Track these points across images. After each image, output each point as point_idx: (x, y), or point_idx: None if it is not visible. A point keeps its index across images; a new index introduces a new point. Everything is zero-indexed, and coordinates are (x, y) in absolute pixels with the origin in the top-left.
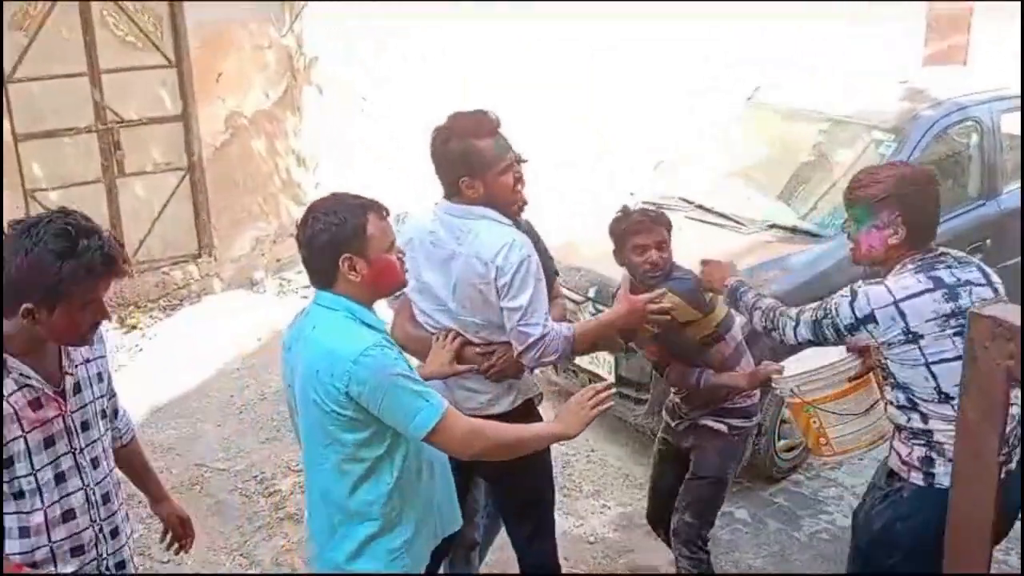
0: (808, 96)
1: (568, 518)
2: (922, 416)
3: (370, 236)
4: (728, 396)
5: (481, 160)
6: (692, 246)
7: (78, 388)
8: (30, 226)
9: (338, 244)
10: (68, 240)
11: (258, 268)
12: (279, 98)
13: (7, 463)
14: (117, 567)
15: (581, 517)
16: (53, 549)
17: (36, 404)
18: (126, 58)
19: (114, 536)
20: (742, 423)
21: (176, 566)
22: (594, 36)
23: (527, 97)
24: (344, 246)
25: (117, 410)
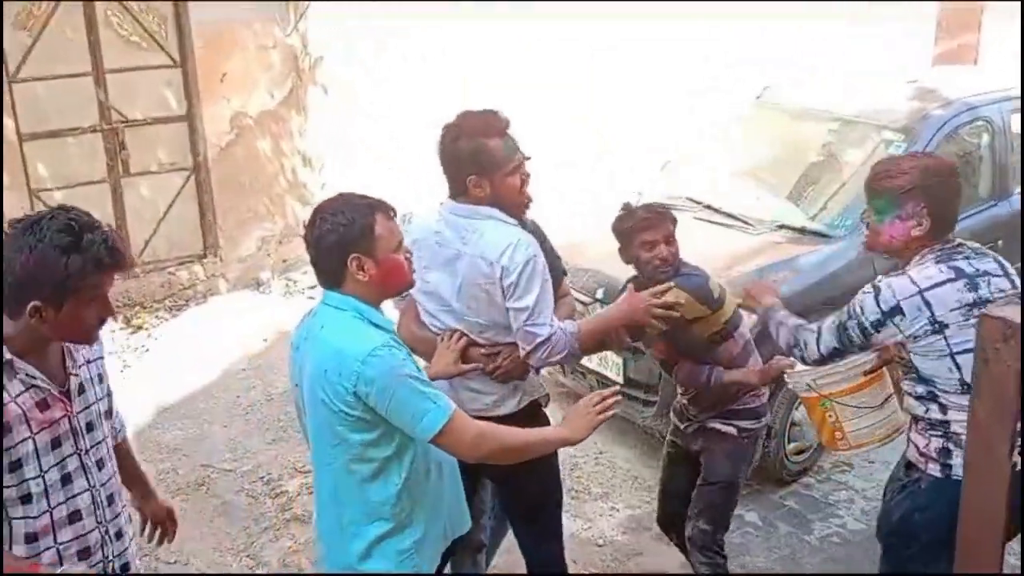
0: (817, 96)
1: (576, 520)
2: (941, 407)
3: (378, 236)
4: (737, 396)
5: (491, 160)
6: (700, 246)
7: (82, 389)
8: (32, 223)
9: (346, 244)
10: (72, 235)
11: (264, 268)
12: (284, 98)
13: (15, 465)
14: (122, 569)
15: (589, 519)
16: (60, 551)
17: (43, 405)
18: (130, 58)
19: (119, 538)
20: (751, 425)
21: (182, 567)
22: (594, 36)
23: (527, 97)
24: (352, 246)
25: (111, 409)
